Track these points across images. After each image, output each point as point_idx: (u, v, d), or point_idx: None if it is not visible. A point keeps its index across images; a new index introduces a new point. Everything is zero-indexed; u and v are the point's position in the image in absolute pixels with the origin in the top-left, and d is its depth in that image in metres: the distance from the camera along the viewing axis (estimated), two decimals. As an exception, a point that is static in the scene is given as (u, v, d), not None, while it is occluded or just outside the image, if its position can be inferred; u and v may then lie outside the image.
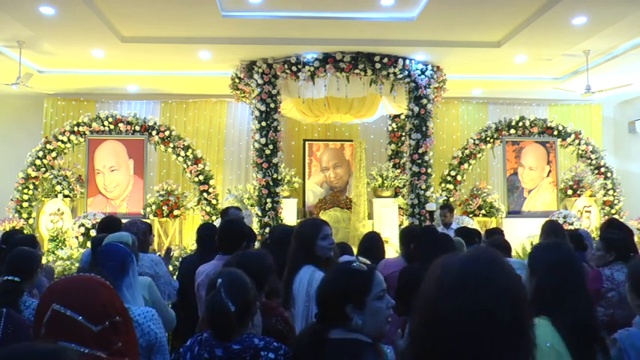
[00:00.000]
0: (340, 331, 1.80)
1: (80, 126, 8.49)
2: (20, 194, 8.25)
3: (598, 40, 6.77)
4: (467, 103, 10.17)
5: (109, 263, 2.44)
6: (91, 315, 1.49)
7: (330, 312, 1.83)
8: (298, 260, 3.02)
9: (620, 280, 3.61)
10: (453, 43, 6.96)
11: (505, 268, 1.13)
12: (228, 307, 1.94)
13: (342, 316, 1.80)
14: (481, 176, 9.77)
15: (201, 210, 8.37)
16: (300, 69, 7.20)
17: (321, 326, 1.84)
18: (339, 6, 6.04)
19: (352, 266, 1.88)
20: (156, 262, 3.79)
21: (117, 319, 1.53)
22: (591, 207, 9.00)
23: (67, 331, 1.47)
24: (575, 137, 9.11)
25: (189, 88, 9.13)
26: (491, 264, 1.13)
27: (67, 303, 1.50)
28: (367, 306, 1.80)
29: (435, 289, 1.12)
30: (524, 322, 1.10)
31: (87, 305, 1.50)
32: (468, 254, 1.18)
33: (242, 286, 2.03)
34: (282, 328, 2.42)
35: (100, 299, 1.54)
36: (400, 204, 8.29)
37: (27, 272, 2.82)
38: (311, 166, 9.45)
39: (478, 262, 1.13)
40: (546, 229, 4.63)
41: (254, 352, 1.93)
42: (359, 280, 1.83)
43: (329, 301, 1.84)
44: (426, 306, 1.12)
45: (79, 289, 1.55)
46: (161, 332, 2.35)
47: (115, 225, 4.33)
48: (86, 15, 5.80)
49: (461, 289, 1.08)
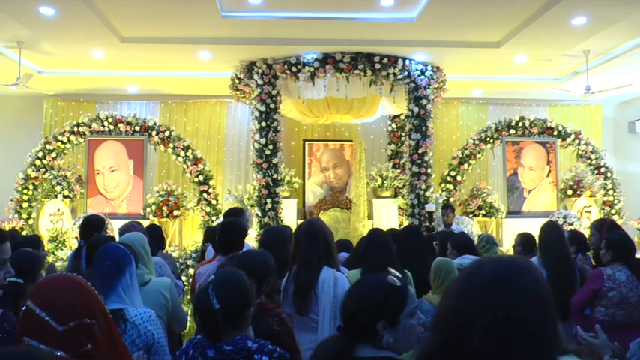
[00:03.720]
0: (369, 349, 1.68)
1: (80, 126, 8.49)
2: (20, 195, 8.24)
3: (598, 40, 6.77)
4: (467, 104, 10.16)
5: (105, 263, 2.44)
6: (57, 314, 1.49)
7: (358, 327, 1.71)
8: (321, 263, 2.99)
9: (621, 280, 3.61)
10: (453, 43, 6.95)
11: (536, 274, 1.12)
12: (212, 304, 1.92)
13: (370, 332, 1.69)
14: (481, 176, 9.77)
15: (201, 210, 8.36)
16: (299, 69, 7.19)
17: (347, 341, 1.71)
18: (339, 6, 6.04)
19: (387, 281, 1.76)
20: (160, 264, 3.80)
21: (86, 320, 1.52)
22: (591, 207, 8.99)
23: (33, 328, 1.49)
24: (575, 137, 9.10)
25: (189, 88, 9.13)
26: (525, 269, 1.12)
27: (38, 301, 1.52)
28: (400, 323, 1.69)
29: (469, 288, 1.11)
30: (553, 330, 1.08)
31: (54, 304, 1.51)
32: (502, 257, 1.17)
33: (232, 286, 2.00)
34: (279, 329, 2.40)
35: (70, 299, 1.53)
36: (400, 204, 8.29)
37: (30, 273, 2.81)
38: (311, 166, 9.45)
39: (512, 266, 1.12)
40: (519, 241, 4.84)
41: (247, 354, 1.91)
42: (394, 297, 1.72)
43: (359, 317, 1.70)
44: (456, 304, 1.11)
45: (51, 289, 1.57)
46: (159, 333, 2.34)
47: (98, 224, 4.32)
48: (86, 15, 5.80)
49: (494, 292, 1.07)
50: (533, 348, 1.04)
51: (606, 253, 3.76)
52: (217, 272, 2.13)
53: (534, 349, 1.04)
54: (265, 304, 2.51)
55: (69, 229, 8.14)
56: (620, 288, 3.60)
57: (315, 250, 3.00)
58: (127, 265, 2.48)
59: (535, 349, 1.04)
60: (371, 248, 3.60)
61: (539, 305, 1.07)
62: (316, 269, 2.96)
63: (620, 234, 4.00)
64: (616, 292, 3.60)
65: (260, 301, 2.49)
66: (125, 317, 2.26)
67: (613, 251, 3.72)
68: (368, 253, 3.58)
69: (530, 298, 1.07)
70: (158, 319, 2.41)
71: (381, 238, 3.68)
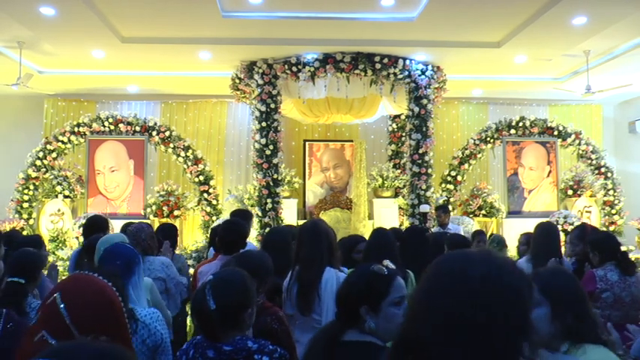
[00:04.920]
0: (355, 333, 1.80)
1: (80, 126, 8.49)
2: (20, 195, 8.24)
3: (598, 40, 6.77)
4: (467, 104, 10.16)
5: (116, 262, 2.46)
6: (79, 322, 1.49)
7: (346, 312, 1.84)
8: (324, 263, 3.00)
9: (613, 281, 3.60)
10: (453, 43, 6.96)
11: (509, 268, 1.08)
12: (208, 305, 1.91)
13: (355, 318, 1.81)
14: (481, 176, 9.76)
15: (202, 210, 8.37)
16: (300, 69, 7.20)
17: (337, 326, 1.84)
18: (339, 6, 6.04)
19: (372, 269, 1.87)
20: (166, 264, 3.82)
21: (102, 338, 1.48)
22: (591, 207, 9.00)
23: (51, 322, 1.49)
24: (575, 137, 9.10)
25: (189, 88, 9.13)
26: (501, 265, 1.08)
27: (67, 299, 1.51)
28: (382, 310, 1.79)
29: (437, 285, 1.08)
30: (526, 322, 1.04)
31: (80, 313, 1.50)
32: (472, 253, 1.13)
33: (230, 287, 1.98)
34: (277, 327, 2.42)
35: (96, 312, 1.52)
36: (400, 204, 8.29)
37: (31, 273, 2.82)
38: (311, 166, 9.45)
39: (484, 262, 1.08)
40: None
41: (247, 355, 1.90)
42: (378, 283, 1.83)
43: (346, 301, 1.84)
44: (426, 300, 1.07)
45: (82, 293, 1.56)
46: (166, 333, 2.38)
47: (101, 225, 4.33)
48: (86, 15, 5.80)
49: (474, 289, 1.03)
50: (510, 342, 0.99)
51: (594, 255, 3.76)
52: (216, 272, 2.13)
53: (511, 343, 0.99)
54: (263, 302, 2.52)
55: (69, 229, 8.15)
56: (614, 289, 3.58)
57: (319, 250, 3.01)
58: (137, 265, 2.53)
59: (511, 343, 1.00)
60: (373, 248, 3.59)
61: (513, 299, 1.02)
62: (319, 270, 2.97)
63: (601, 233, 4.01)
64: (609, 292, 3.58)
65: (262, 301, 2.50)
66: (135, 317, 2.26)
67: (599, 252, 3.72)
68: (370, 253, 3.58)
69: (513, 294, 1.02)
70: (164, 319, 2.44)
71: (384, 238, 3.68)
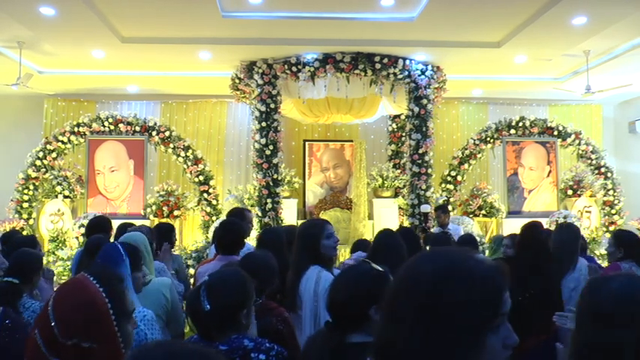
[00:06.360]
0: (360, 335, 1.75)
1: (80, 126, 8.49)
2: (20, 195, 8.24)
3: (598, 40, 6.77)
4: (467, 104, 10.16)
5: (97, 262, 2.44)
6: (62, 326, 1.45)
7: (349, 316, 1.78)
8: (304, 262, 3.00)
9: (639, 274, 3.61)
10: (453, 43, 6.95)
11: (472, 263, 1.03)
12: (202, 305, 1.89)
13: (362, 319, 1.76)
14: (481, 176, 9.77)
15: (202, 210, 8.37)
16: (300, 69, 7.20)
17: (338, 333, 1.77)
18: (339, 6, 6.04)
19: (371, 268, 1.85)
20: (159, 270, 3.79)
21: (85, 344, 1.44)
22: (591, 207, 9.00)
23: (41, 322, 1.49)
24: (575, 137, 9.10)
25: (189, 88, 9.13)
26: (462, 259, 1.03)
27: (55, 302, 1.50)
28: None
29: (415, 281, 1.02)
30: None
31: (63, 317, 1.47)
32: (438, 252, 1.09)
33: (225, 288, 1.96)
34: (282, 328, 2.41)
35: (78, 316, 1.47)
36: (400, 204, 8.28)
37: (27, 274, 2.82)
38: (311, 166, 9.45)
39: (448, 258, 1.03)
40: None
41: (243, 354, 1.88)
42: (382, 281, 1.80)
43: (352, 305, 1.78)
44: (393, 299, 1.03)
45: (70, 296, 1.53)
46: (153, 334, 2.29)
47: (104, 225, 4.33)
48: (86, 15, 5.80)
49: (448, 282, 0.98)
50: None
51: (616, 250, 3.72)
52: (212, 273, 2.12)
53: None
54: (268, 303, 2.53)
55: (69, 229, 8.15)
56: None
57: (296, 251, 3.06)
58: (120, 265, 2.47)
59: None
60: (380, 250, 3.55)
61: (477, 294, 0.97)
62: (298, 269, 2.99)
63: (629, 231, 3.97)
64: None
65: (262, 301, 2.50)
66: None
67: (625, 248, 3.69)
68: (376, 255, 3.54)
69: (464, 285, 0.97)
70: (155, 320, 2.39)
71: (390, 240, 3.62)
